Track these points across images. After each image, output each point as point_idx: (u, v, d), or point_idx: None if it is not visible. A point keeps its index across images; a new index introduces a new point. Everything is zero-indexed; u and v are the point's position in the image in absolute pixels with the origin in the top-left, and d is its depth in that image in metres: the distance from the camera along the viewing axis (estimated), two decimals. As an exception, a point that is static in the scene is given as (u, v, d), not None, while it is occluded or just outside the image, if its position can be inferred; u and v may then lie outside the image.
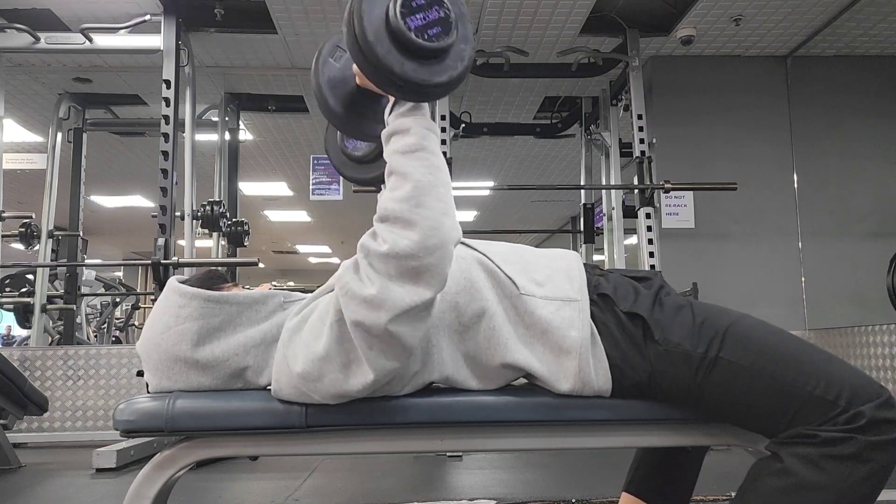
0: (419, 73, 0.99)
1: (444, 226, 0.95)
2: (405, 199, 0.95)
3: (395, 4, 0.97)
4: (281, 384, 1.06)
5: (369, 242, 0.97)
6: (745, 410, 1.06)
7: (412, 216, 0.94)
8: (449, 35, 1.00)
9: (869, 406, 0.98)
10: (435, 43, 0.99)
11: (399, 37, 0.97)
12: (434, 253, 0.94)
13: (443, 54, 1.01)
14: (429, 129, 1.02)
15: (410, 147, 0.99)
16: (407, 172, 0.97)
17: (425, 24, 0.99)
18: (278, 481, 2.67)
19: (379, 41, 0.97)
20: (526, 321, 1.10)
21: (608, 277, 1.17)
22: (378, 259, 0.95)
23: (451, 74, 1.02)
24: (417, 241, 0.93)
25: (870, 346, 3.35)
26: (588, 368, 1.08)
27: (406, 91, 1.01)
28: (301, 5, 3.77)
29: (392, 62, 0.97)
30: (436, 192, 0.97)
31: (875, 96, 4.47)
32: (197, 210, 4.13)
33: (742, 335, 1.07)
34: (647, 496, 1.35)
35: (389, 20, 0.97)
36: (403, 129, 1.01)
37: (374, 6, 0.98)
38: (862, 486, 0.97)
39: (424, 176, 0.97)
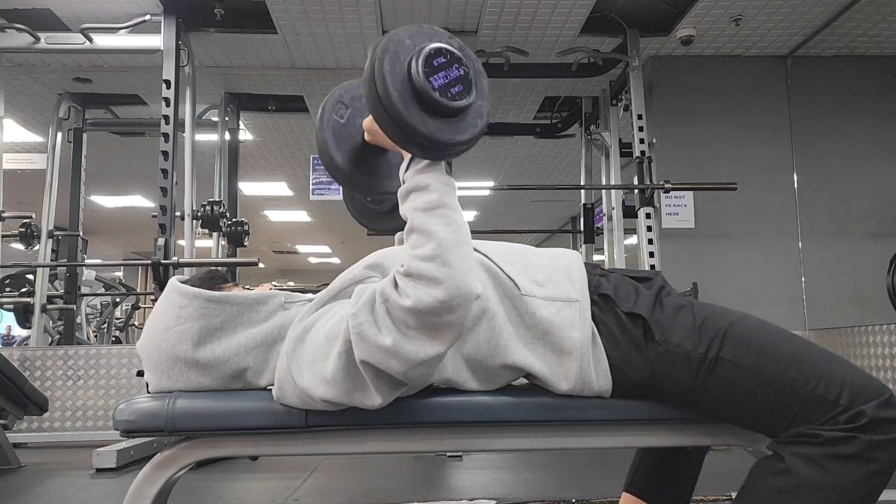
0: (444, 132, 1.00)
1: (469, 285, 0.96)
2: (430, 257, 0.95)
3: (419, 64, 0.97)
4: (284, 391, 1.07)
5: (391, 293, 0.96)
6: (746, 410, 1.06)
7: (438, 274, 0.94)
8: (470, 93, 1.01)
9: (870, 405, 0.98)
10: (458, 102, 0.99)
11: (424, 96, 0.98)
12: (457, 311, 0.95)
13: (465, 112, 1.02)
14: (447, 184, 1.02)
15: (432, 204, 0.99)
16: (430, 230, 0.97)
17: (447, 83, 0.99)
18: (278, 481, 2.67)
19: (403, 101, 0.97)
20: (527, 322, 1.10)
21: (609, 278, 1.17)
22: (399, 310, 0.95)
23: (472, 132, 1.03)
24: (442, 300, 0.93)
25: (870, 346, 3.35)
26: (589, 369, 1.08)
27: (428, 150, 1.01)
28: (301, 5, 3.77)
29: (417, 122, 0.98)
30: (460, 249, 0.97)
31: (875, 96, 4.47)
32: (197, 210, 4.13)
33: (743, 335, 1.07)
34: (648, 496, 1.35)
35: (413, 80, 0.98)
36: (423, 186, 1.01)
37: (396, 65, 0.98)
38: (864, 486, 0.97)
39: (448, 234, 0.97)
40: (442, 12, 3.89)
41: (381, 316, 0.96)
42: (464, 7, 3.84)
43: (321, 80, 4.80)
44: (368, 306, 0.97)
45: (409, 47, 1.00)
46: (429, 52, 0.99)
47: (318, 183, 5.04)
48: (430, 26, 1.06)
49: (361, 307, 0.98)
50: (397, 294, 0.95)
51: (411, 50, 1.00)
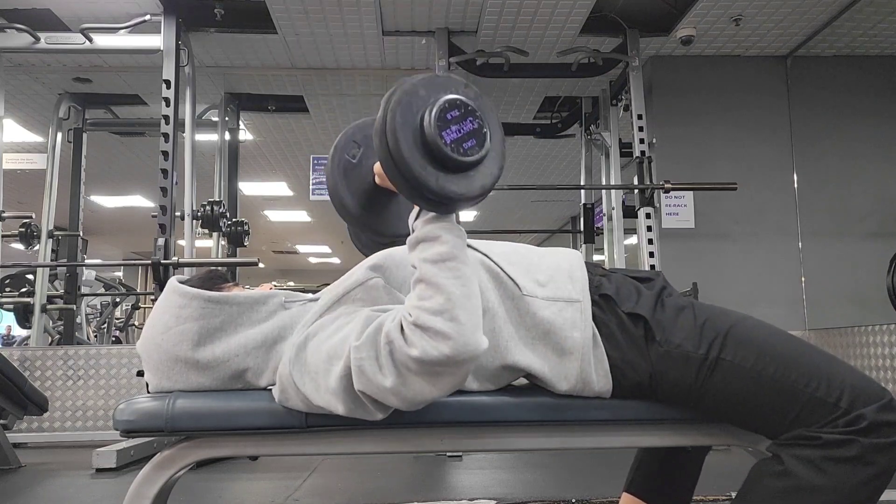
0: (455, 187, 0.97)
1: (477, 342, 0.95)
2: (438, 311, 0.94)
3: (431, 118, 0.95)
4: (288, 395, 1.07)
5: (397, 337, 0.95)
6: (746, 411, 1.06)
7: (446, 329, 0.93)
8: (483, 147, 0.98)
9: (870, 408, 0.98)
10: (470, 157, 0.97)
11: (435, 152, 0.96)
12: (462, 366, 0.96)
13: (477, 166, 0.99)
14: (458, 236, 1.00)
15: (441, 256, 0.97)
16: (439, 284, 0.96)
17: (460, 137, 0.97)
18: (278, 481, 2.67)
19: (414, 157, 0.95)
20: (528, 322, 1.10)
21: (610, 278, 1.17)
22: (403, 356, 0.95)
23: (483, 186, 1.00)
24: (449, 355, 0.93)
25: (870, 346, 3.35)
26: (589, 369, 1.08)
27: (439, 205, 0.99)
28: (301, 5, 3.77)
29: (428, 178, 0.96)
30: (468, 304, 0.96)
31: (875, 96, 4.47)
32: (197, 210, 4.13)
33: (743, 336, 1.07)
34: (648, 496, 1.35)
35: (426, 134, 0.96)
36: (433, 237, 0.99)
37: (408, 117, 0.96)
38: (863, 489, 0.97)
39: (457, 288, 0.96)
40: (442, 12, 3.89)
41: (383, 357, 0.96)
42: (464, 7, 3.84)
43: (321, 80, 4.80)
44: (372, 343, 0.97)
45: (422, 98, 0.98)
46: (442, 104, 0.96)
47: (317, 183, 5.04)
48: (445, 75, 1.04)
49: (365, 342, 0.97)
50: (403, 341, 0.95)
51: (425, 101, 0.98)
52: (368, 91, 4.97)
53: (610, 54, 4.15)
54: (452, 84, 1.02)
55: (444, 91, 0.99)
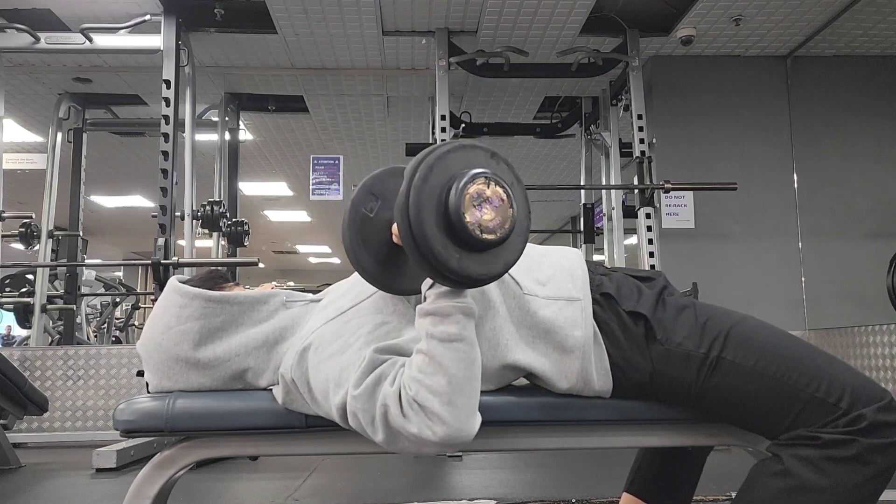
0: (479, 267, 0.95)
1: (471, 429, 0.96)
2: (438, 393, 0.94)
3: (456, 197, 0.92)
4: (293, 397, 1.08)
5: (394, 406, 0.96)
6: (746, 411, 1.06)
7: (442, 413, 0.94)
8: (506, 224, 0.95)
9: (870, 409, 0.98)
10: (495, 236, 0.94)
11: (459, 232, 0.93)
12: (453, 446, 0.97)
13: (503, 243, 0.96)
14: (469, 315, 0.99)
15: (449, 336, 0.96)
16: (443, 364, 0.95)
17: (483, 217, 0.93)
18: (278, 481, 2.67)
19: (437, 237, 0.92)
20: (529, 321, 1.10)
21: (611, 277, 1.17)
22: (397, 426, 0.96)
23: (507, 260, 0.98)
24: (443, 438, 0.94)
25: (870, 346, 3.35)
26: (590, 368, 1.08)
27: (459, 284, 0.97)
28: (301, 5, 3.76)
29: (450, 259, 0.93)
30: (468, 388, 0.96)
31: (875, 96, 4.47)
32: (197, 210, 4.13)
33: (744, 336, 1.07)
34: (649, 496, 1.35)
35: (450, 213, 0.92)
36: (444, 314, 0.98)
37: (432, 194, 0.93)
38: (862, 489, 0.97)
39: (460, 370, 0.95)
40: (442, 12, 3.89)
41: (378, 417, 0.97)
42: (464, 7, 3.84)
43: (321, 80, 4.80)
44: (369, 398, 0.98)
45: (446, 173, 0.95)
46: (467, 180, 0.93)
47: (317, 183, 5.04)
48: (471, 143, 1.00)
49: (363, 394, 0.98)
50: (401, 412, 0.95)
51: (449, 176, 0.94)
52: (368, 91, 4.97)
53: (610, 54, 4.15)
54: (477, 156, 0.98)
55: (469, 165, 0.96)
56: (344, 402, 0.99)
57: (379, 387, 0.97)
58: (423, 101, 5.13)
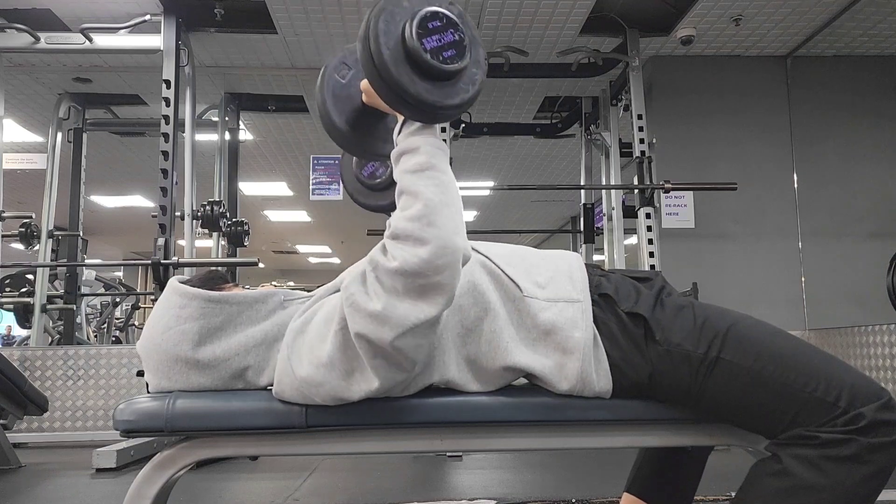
0: (433, 94, 1.00)
1: (455, 244, 0.95)
2: (416, 217, 0.95)
3: (412, 25, 0.98)
4: (283, 385, 1.06)
5: (379, 257, 0.96)
6: (745, 411, 1.06)
7: (423, 234, 0.94)
8: (463, 58, 1.00)
9: (869, 408, 0.98)
10: (449, 65, 0.99)
11: (415, 57, 0.98)
12: (443, 271, 0.94)
13: (456, 77, 1.01)
14: (438, 147, 1.02)
15: (420, 166, 0.99)
16: (417, 191, 0.97)
17: (440, 46, 0.99)
18: (278, 481, 2.67)
19: (394, 60, 0.97)
20: (529, 323, 1.10)
21: (609, 278, 1.17)
22: (387, 274, 0.95)
23: (462, 97, 1.03)
24: (427, 260, 0.93)
25: (870, 346, 3.35)
26: (590, 369, 1.08)
27: (418, 111, 1.01)
28: (301, 5, 3.77)
29: (406, 82, 0.98)
30: (447, 210, 0.96)
31: (875, 96, 4.47)
32: (197, 210, 4.13)
33: (743, 336, 1.07)
34: (649, 497, 1.35)
35: (406, 40, 0.98)
36: (413, 148, 1.01)
37: (391, 25, 0.99)
38: (861, 488, 0.97)
39: (435, 195, 0.97)
40: (442, 12, 3.88)
41: (370, 283, 0.96)
42: (464, 7, 3.84)
43: (321, 80, 4.80)
44: (360, 277, 0.98)
45: (406, 9, 1.00)
46: (424, 14, 0.99)
47: (317, 183, 5.04)
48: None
49: (353, 279, 0.99)
50: (385, 258, 0.96)
51: (408, 12, 1.00)
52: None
53: (610, 54, 4.15)
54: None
55: (428, 3, 1.02)
56: (341, 318, 0.99)
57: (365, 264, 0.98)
58: (423, 100, 5.12)
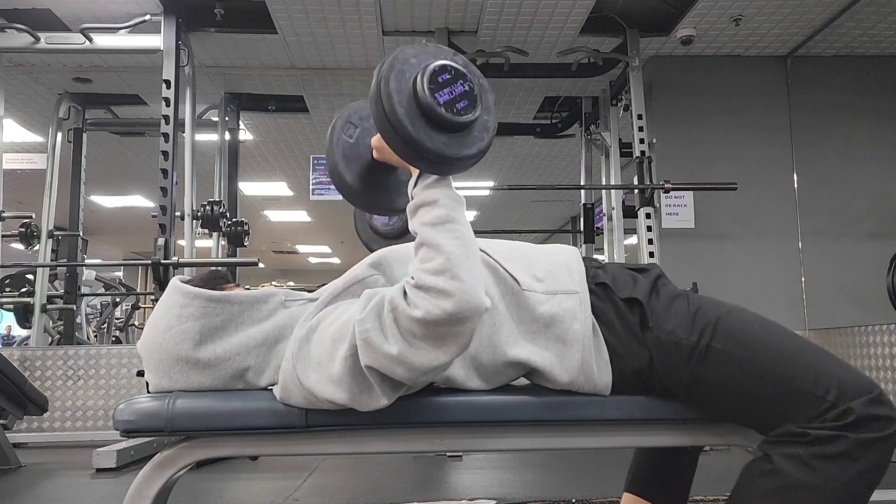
0: (450, 147, 1.01)
1: (479, 297, 0.95)
2: (440, 271, 0.95)
3: (423, 81, 0.99)
4: (289, 392, 1.07)
5: (400, 302, 0.96)
6: (735, 402, 1.07)
7: (448, 287, 0.94)
8: (475, 108, 1.02)
9: (858, 402, 0.98)
10: (463, 117, 1.00)
11: (429, 112, 0.99)
12: (466, 323, 0.95)
13: (471, 127, 1.03)
14: (456, 199, 1.02)
15: (440, 219, 0.99)
16: (439, 245, 0.97)
17: (452, 99, 1.00)
18: (278, 481, 2.67)
19: (410, 118, 0.99)
20: (528, 317, 1.10)
21: (607, 269, 1.19)
22: (407, 320, 0.95)
23: (479, 146, 1.04)
24: (452, 312, 0.93)
25: (870, 346, 3.35)
26: (590, 360, 1.09)
27: (436, 165, 1.02)
28: (301, 5, 3.77)
29: (423, 138, 0.99)
30: (468, 263, 0.97)
31: (875, 96, 4.47)
32: (197, 210, 4.13)
33: (733, 326, 1.07)
34: (649, 495, 1.35)
35: (419, 96, 0.99)
36: (431, 201, 1.01)
37: (402, 83, 1.00)
38: (853, 485, 0.97)
39: (457, 248, 0.97)
40: (442, 12, 3.89)
41: (388, 324, 0.96)
42: (464, 7, 3.84)
43: (321, 80, 4.80)
44: (375, 313, 0.97)
45: (414, 65, 1.02)
46: (434, 68, 1.00)
47: (317, 183, 5.04)
48: (434, 44, 1.08)
49: (369, 313, 0.98)
50: (406, 304, 0.95)
51: (416, 67, 1.01)
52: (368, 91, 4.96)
53: (610, 54, 4.15)
54: (442, 51, 1.06)
55: (435, 57, 1.03)
56: (351, 345, 0.98)
57: (383, 300, 0.98)
58: (423, 100, 5.12)
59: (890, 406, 0.99)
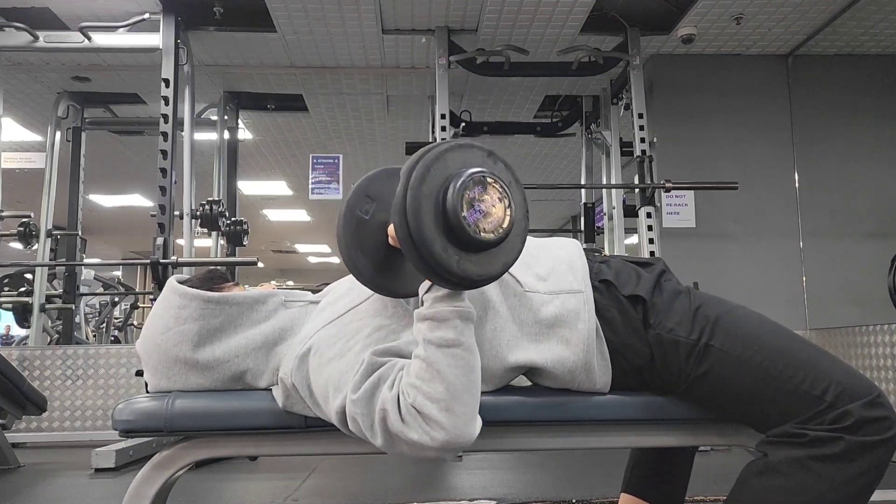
0: (478, 268, 0.94)
1: (469, 434, 0.95)
2: (436, 400, 0.93)
3: (454, 198, 0.90)
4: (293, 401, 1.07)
5: (392, 411, 0.95)
6: (734, 401, 1.06)
7: (441, 420, 0.93)
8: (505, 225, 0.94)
9: (856, 405, 0.98)
10: (494, 236, 0.93)
11: (458, 233, 0.91)
12: (452, 452, 0.96)
13: (502, 243, 0.95)
14: (467, 319, 0.98)
15: (447, 342, 0.95)
16: (441, 370, 0.94)
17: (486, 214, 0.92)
18: (278, 481, 2.66)
19: (436, 238, 0.91)
20: (531, 318, 1.10)
21: (610, 264, 1.18)
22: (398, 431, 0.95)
23: (507, 261, 0.96)
24: (442, 444, 0.94)
25: (870, 346, 3.34)
26: (592, 360, 1.08)
27: (458, 285, 0.96)
28: (300, 4, 3.76)
29: (450, 261, 0.91)
30: (467, 396, 0.95)
31: (876, 95, 4.46)
32: (196, 209, 4.12)
33: (733, 325, 1.07)
34: (646, 494, 1.35)
35: (448, 214, 0.91)
36: (441, 318, 0.96)
37: (430, 195, 0.91)
38: (849, 487, 0.97)
39: (458, 377, 0.94)
40: (442, 10, 3.88)
41: (376, 422, 0.96)
42: (464, 5, 3.83)
43: (320, 79, 4.79)
44: (367, 403, 0.97)
45: (443, 173, 0.93)
46: (465, 181, 0.91)
47: (317, 182, 5.03)
48: (468, 143, 0.98)
49: (361, 398, 0.97)
50: (399, 418, 0.94)
51: (446, 175, 0.93)
52: (368, 90, 4.96)
53: (610, 53, 4.14)
54: (475, 155, 0.96)
55: (466, 164, 0.94)
56: (343, 406, 0.99)
57: (377, 391, 0.96)
58: (422, 99, 5.12)
59: (888, 409, 0.99)
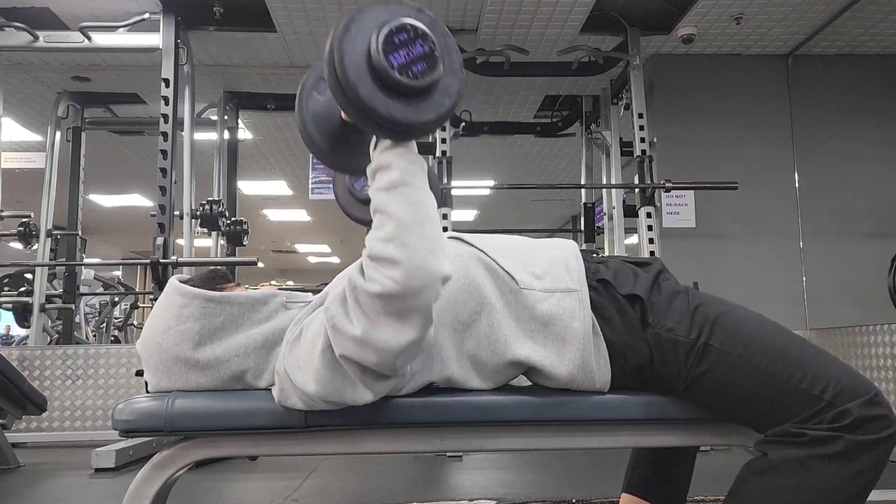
0: (405, 113, 0.95)
1: (429, 266, 0.92)
2: (388, 238, 0.92)
3: (377, 42, 0.93)
4: (287, 394, 1.06)
5: (357, 278, 0.94)
6: (733, 401, 1.06)
7: (397, 256, 0.91)
8: (434, 71, 0.95)
9: (855, 403, 0.98)
10: (420, 81, 0.94)
11: (382, 76, 0.93)
12: (419, 294, 0.92)
13: (429, 91, 0.96)
14: (413, 162, 0.97)
15: (393, 183, 0.95)
16: (389, 211, 0.94)
17: (409, 61, 0.94)
18: (278, 481, 2.66)
19: (361, 81, 0.93)
20: (527, 315, 1.10)
21: (608, 264, 1.18)
22: (365, 297, 0.93)
23: (438, 111, 0.98)
24: (402, 283, 0.91)
25: (870, 346, 3.34)
26: (590, 358, 1.08)
27: (391, 132, 0.97)
28: (300, 4, 3.76)
29: (376, 103, 0.93)
30: (420, 229, 0.93)
31: (876, 95, 4.46)
32: (196, 209, 4.12)
33: (732, 324, 1.07)
34: (647, 494, 1.35)
35: (372, 59, 0.93)
36: (386, 164, 0.97)
37: (356, 44, 0.94)
38: (848, 486, 0.97)
39: (407, 213, 0.93)
40: (442, 10, 3.88)
41: (351, 305, 0.95)
42: (464, 5, 3.83)
43: (321, 79, 4.79)
44: (340, 298, 0.96)
45: (369, 25, 0.96)
46: (389, 29, 0.94)
47: (317, 182, 5.03)
48: (397, 1, 1.00)
49: (333, 300, 0.97)
50: (363, 280, 0.93)
51: (372, 27, 0.95)
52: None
53: (610, 53, 4.14)
54: (404, 9, 0.99)
55: (393, 16, 0.97)
56: (326, 338, 0.97)
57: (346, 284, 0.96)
58: (423, 100, 5.11)
59: (887, 408, 0.99)
